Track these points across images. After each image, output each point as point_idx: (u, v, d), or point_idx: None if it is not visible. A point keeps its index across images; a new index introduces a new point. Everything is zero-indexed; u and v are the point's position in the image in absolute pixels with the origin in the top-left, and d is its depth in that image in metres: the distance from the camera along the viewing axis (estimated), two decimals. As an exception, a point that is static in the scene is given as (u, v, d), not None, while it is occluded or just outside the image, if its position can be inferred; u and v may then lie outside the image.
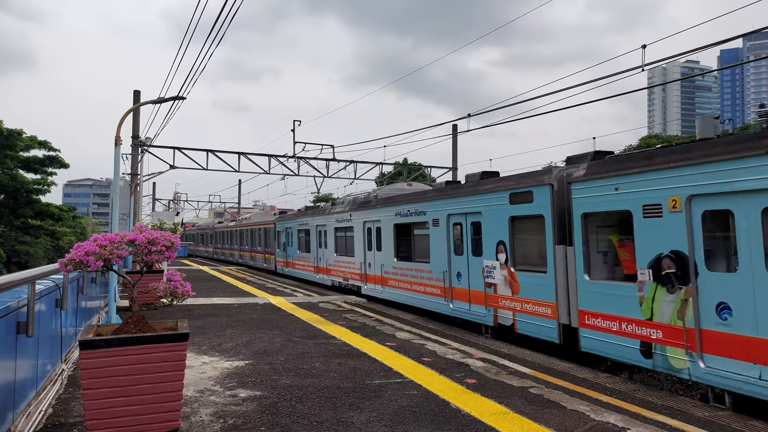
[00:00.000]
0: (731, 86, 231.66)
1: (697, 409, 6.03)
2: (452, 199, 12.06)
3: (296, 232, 24.37)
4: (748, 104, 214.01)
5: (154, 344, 4.82)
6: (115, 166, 11.95)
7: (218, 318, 12.34)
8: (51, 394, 6.11)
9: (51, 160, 47.16)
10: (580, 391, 6.61)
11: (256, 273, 28.49)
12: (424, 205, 13.23)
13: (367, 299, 16.20)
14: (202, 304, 14.83)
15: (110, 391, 4.65)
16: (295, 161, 29.52)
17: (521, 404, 6.08)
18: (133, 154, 24.36)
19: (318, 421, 5.48)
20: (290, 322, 11.82)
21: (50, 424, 5.31)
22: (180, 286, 5.58)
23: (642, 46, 12.06)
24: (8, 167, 43.71)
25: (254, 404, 6.00)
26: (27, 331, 4.89)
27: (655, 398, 6.42)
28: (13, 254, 40.84)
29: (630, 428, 5.32)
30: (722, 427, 5.43)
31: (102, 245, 5.02)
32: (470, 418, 5.61)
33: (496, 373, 7.50)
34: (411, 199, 14.09)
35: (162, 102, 14.66)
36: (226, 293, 17.78)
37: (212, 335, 10.18)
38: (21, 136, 44.37)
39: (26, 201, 45.38)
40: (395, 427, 5.31)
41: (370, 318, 12.45)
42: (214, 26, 11.30)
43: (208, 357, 8.36)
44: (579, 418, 5.63)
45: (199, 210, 73.60)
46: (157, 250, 5.34)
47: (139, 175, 24.63)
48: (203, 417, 5.56)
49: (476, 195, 11.12)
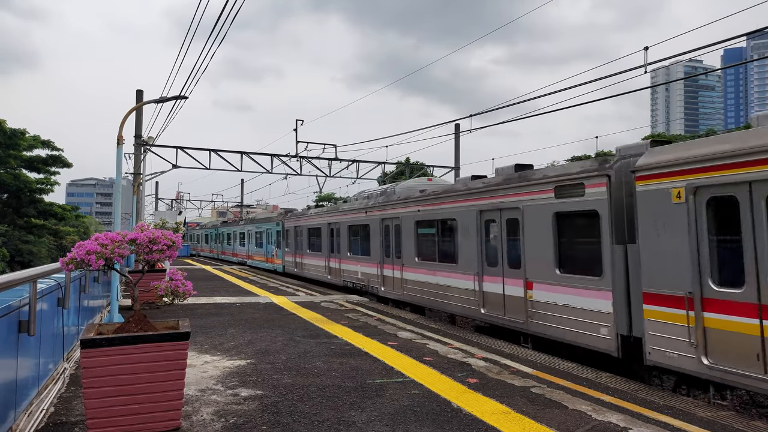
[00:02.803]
0: (734, 85, 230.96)
1: (699, 409, 6.01)
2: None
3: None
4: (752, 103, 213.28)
5: (156, 343, 4.82)
6: (117, 165, 11.96)
7: (220, 317, 12.35)
8: (53, 392, 6.12)
9: (54, 159, 47.32)
10: (582, 391, 6.59)
11: (260, 273, 28.49)
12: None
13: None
14: (204, 303, 14.84)
15: (112, 390, 4.66)
16: (297, 161, 29.53)
17: (523, 404, 6.07)
18: (136, 153, 24.41)
19: (319, 420, 5.48)
20: (292, 321, 11.82)
21: (52, 422, 5.31)
22: (181, 285, 5.58)
23: (644, 48, 12.02)
24: (12, 167, 43.84)
25: (255, 403, 6.00)
26: (29, 330, 4.89)
27: (657, 398, 6.40)
28: (17, 253, 40.95)
29: (632, 428, 5.31)
30: (725, 427, 5.41)
31: (103, 244, 5.02)
32: (472, 417, 5.60)
33: (498, 372, 7.48)
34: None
35: (164, 101, 14.68)
36: (229, 292, 17.79)
37: (214, 334, 10.19)
38: (24, 136, 44.53)
39: (29, 200, 45.54)
40: (396, 427, 5.31)
41: (372, 317, 12.44)
42: (216, 25, 11.31)
43: (209, 356, 8.37)
44: (581, 417, 5.62)
45: (201, 209, 73.75)
46: (158, 249, 5.34)
47: (142, 174, 24.67)
48: (204, 416, 5.56)
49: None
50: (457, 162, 30.86)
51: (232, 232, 42.26)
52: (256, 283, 21.69)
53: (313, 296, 16.88)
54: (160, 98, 14.50)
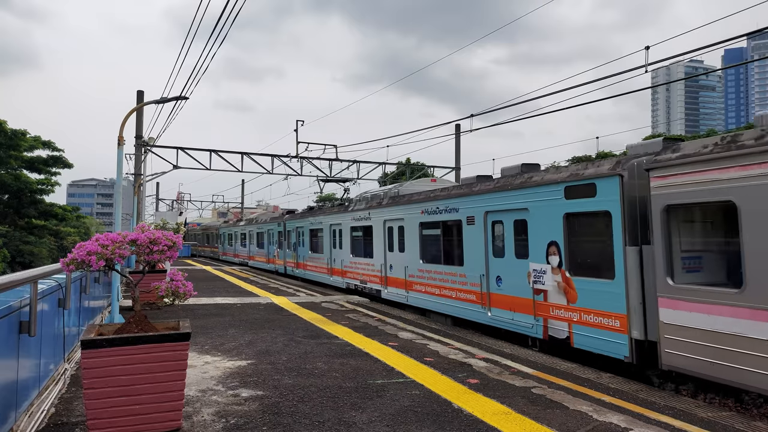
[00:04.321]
0: (735, 86, 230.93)
1: (700, 409, 6.00)
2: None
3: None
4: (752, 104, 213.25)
5: (156, 344, 4.82)
6: (118, 166, 11.97)
7: (221, 318, 12.35)
8: (53, 393, 6.12)
9: (55, 160, 47.34)
10: (583, 392, 6.59)
11: (260, 273, 28.48)
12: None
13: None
14: (204, 303, 14.85)
15: (112, 391, 4.66)
16: (298, 161, 29.54)
17: (524, 404, 6.06)
18: (137, 154, 24.42)
19: (320, 420, 5.48)
20: (293, 321, 11.82)
21: (52, 423, 5.31)
22: (182, 285, 5.58)
23: (645, 47, 12.01)
24: (12, 167, 43.88)
25: (256, 404, 6.00)
26: (29, 330, 4.89)
27: (658, 398, 6.39)
28: (17, 254, 40.95)
29: (633, 429, 5.30)
30: (725, 427, 5.40)
31: (104, 245, 5.02)
32: (472, 418, 5.60)
33: (499, 373, 7.48)
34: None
35: (165, 102, 14.68)
36: (229, 293, 17.80)
37: (215, 335, 10.19)
38: (25, 137, 44.55)
39: (30, 201, 45.57)
40: (397, 427, 5.30)
41: (373, 318, 12.44)
42: (217, 25, 11.32)
43: (210, 356, 8.37)
44: (582, 418, 5.61)
45: (202, 210, 73.81)
46: (158, 249, 5.34)
47: (143, 175, 24.67)
48: (205, 416, 5.56)
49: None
50: (457, 162, 30.86)
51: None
52: (257, 283, 21.70)
53: (314, 297, 16.88)
54: (161, 99, 14.50)
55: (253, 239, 35.16)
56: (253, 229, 35.00)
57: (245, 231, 37.56)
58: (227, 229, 45.20)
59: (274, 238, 29.98)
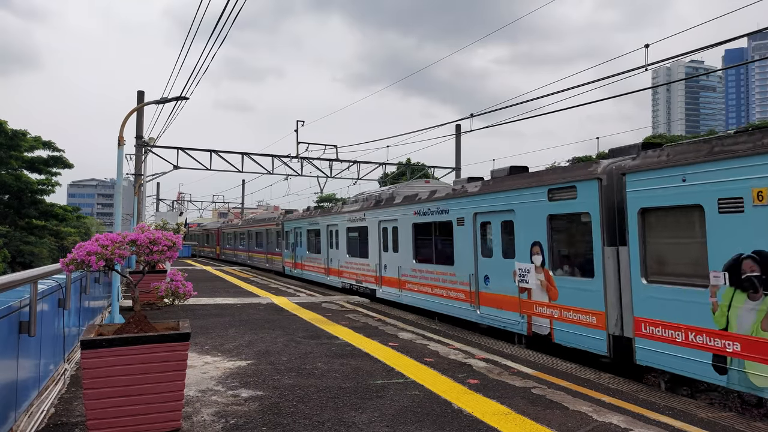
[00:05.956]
0: (736, 86, 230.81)
1: (700, 410, 6.00)
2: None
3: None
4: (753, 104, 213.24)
5: (156, 344, 4.82)
6: (118, 166, 11.97)
7: (221, 318, 12.35)
8: (53, 393, 6.12)
9: (55, 160, 47.32)
10: (583, 392, 6.59)
11: (260, 273, 28.50)
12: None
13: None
14: (205, 304, 14.85)
15: (112, 391, 4.66)
16: (298, 161, 29.56)
17: (523, 405, 6.06)
18: (137, 154, 24.45)
19: (320, 421, 5.48)
20: (293, 322, 11.82)
21: (52, 423, 5.31)
22: (182, 285, 5.58)
23: (645, 45, 12.00)
24: (13, 167, 43.87)
25: (256, 404, 6.00)
26: (29, 330, 4.89)
27: (658, 399, 6.39)
28: (18, 254, 40.96)
29: (633, 429, 5.30)
30: (725, 428, 5.40)
31: (104, 245, 5.02)
32: (472, 418, 5.60)
33: (499, 373, 7.48)
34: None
35: (165, 102, 14.69)
36: (229, 293, 17.80)
37: (215, 335, 10.19)
38: (25, 137, 44.53)
39: (31, 201, 45.54)
40: (397, 428, 5.30)
41: (373, 318, 12.44)
42: (217, 25, 11.32)
43: (210, 357, 8.37)
44: (581, 418, 5.61)
45: (202, 210, 73.82)
46: (158, 250, 5.34)
47: (143, 175, 24.69)
48: (205, 417, 5.56)
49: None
50: (458, 162, 30.86)
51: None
52: (257, 284, 21.70)
53: (314, 297, 16.88)
54: (161, 99, 14.51)
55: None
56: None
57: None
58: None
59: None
